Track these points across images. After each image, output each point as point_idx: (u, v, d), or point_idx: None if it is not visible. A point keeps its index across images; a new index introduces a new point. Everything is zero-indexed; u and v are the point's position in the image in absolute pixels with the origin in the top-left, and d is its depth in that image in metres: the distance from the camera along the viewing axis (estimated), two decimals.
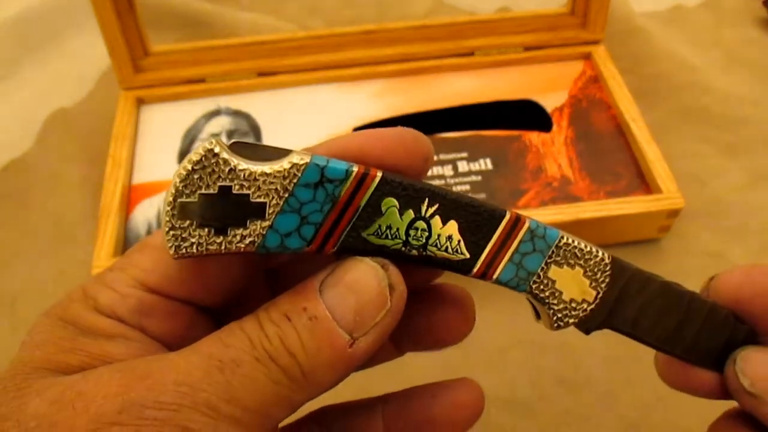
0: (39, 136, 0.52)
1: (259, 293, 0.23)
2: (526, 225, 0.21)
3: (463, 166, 0.46)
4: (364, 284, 0.18)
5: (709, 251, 0.44)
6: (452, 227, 0.20)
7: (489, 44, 0.52)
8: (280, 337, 0.18)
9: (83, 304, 0.20)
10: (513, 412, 0.37)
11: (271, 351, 0.17)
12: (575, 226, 0.41)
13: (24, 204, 0.48)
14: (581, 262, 0.22)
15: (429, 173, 0.45)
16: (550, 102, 0.49)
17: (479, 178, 0.45)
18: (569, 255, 0.22)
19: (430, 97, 0.50)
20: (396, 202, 0.19)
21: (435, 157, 0.46)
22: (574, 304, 0.22)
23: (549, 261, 0.21)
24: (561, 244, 0.21)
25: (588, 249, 0.22)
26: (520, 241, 0.21)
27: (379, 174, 0.19)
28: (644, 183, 0.44)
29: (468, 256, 0.20)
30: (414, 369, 0.39)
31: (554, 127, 0.48)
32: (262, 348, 0.17)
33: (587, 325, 0.22)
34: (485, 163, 0.46)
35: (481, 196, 0.44)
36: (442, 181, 0.45)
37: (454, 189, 0.44)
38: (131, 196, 0.45)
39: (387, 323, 0.19)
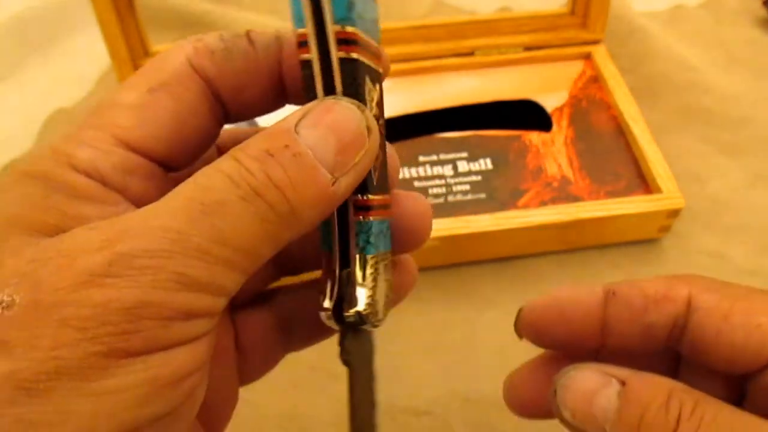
0: (39, 136, 0.52)
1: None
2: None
3: (463, 166, 0.46)
4: (344, 125, 0.18)
5: (709, 251, 0.44)
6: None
7: (489, 44, 0.52)
8: (265, 172, 0.17)
9: (54, 162, 0.18)
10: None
11: (257, 186, 0.17)
12: (575, 226, 0.41)
13: None
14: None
15: (429, 173, 0.45)
16: (550, 102, 0.49)
17: (479, 178, 0.45)
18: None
19: (430, 97, 0.50)
20: None
21: (435, 157, 0.46)
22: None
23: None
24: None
25: None
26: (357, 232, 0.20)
27: None
28: (644, 183, 0.44)
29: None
30: (414, 369, 0.39)
31: (554, 127, 0.48)
32: (247, 185, 0.17)
33: None
34: (485, 163, 0.46)
35: (481, 196, 0.44)
36: (442, 181, 0.45)
37: (454, 189, 0.44)
38: None
39: (365, 164, 0.19)
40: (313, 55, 0.19)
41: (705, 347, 0.21)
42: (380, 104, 0.21)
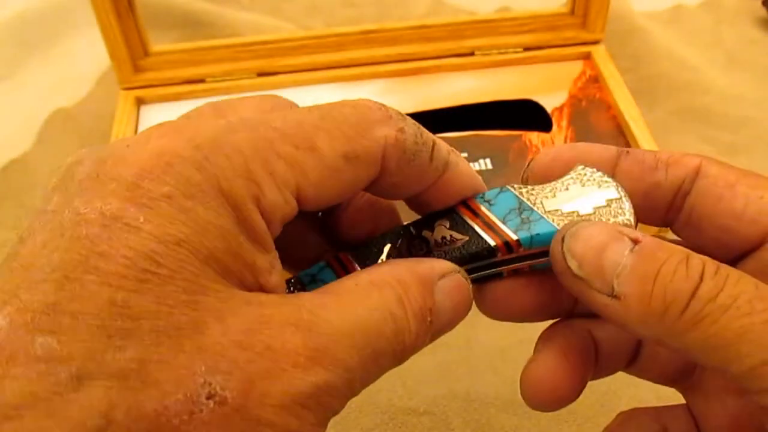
0: (39, 136, 0.52)
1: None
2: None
3: None
4: (460, 296, 0.21)
5: None
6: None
7: (489, 44, 0.52)
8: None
9: (247, 190, 0.17)
10: (514, 412, 0.37)
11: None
12: None
13: (24, 204, 0.48)
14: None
15: None
16: (550, 102, 0.49)
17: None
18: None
19: (430, 97, 0.50)
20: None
21: None
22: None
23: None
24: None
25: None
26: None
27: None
28: None
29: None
30: (414, 369, 0.39)
31: (554, 127, 0.48)
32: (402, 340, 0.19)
33: None
34: (485, 163, 0.46)
35: None
36: None
37: None
38: None
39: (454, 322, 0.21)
40: (521, 265, 0.22)
41: (703, 216, 0.21)
42: None
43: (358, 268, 0.22)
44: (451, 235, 0.22)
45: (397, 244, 0.22)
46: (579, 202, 0.21)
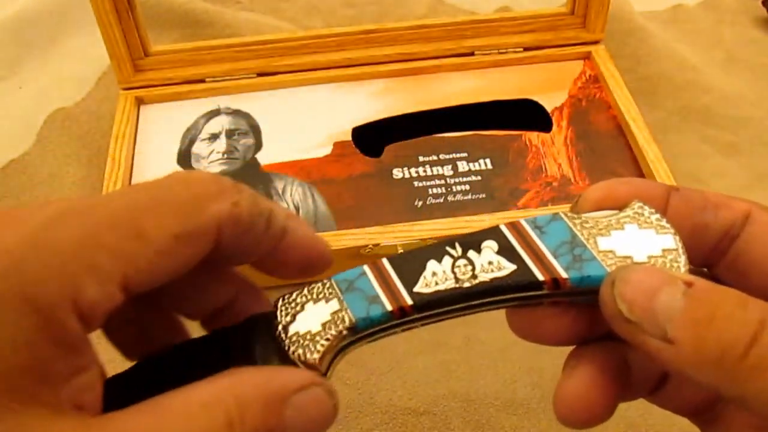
0: (39, 136, 0.52)
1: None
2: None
3: (463, 166, 0.46)
4: (317, 412, 0.20)
5: None
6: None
7: (489, 44, 0.52)
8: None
9: (60, 294, 0.16)
10: (514, 412, 0.37)
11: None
12: None
13: (24, 204, 0.48)
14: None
15: (429, 173, 0.45)
16: (550, 102, 0.49)
17: (479, 178, 0.45)
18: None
19: (430, 97, 0.50)
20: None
21: (435, 157, 0.46)
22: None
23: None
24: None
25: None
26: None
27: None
28: None
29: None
30: (414, 369, 0.39)
31: (554, 127, 0.48)
32: None
33: None
34: (485, 163, 0.46)
35: (481, 196, 0.44)
36: (442, 181, 0.45)
37: (454, 189, 0.44)
38: None
39: None
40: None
41: (752, 263, 0.21)
42: None
43: (397, 281, 0.21)
44: (498, 262, 0.21)
45: (441, 262, 0.21)
46: (634, 246, 0.21)
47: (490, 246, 0.21)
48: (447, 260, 0.21)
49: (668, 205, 0.22)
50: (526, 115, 0.49)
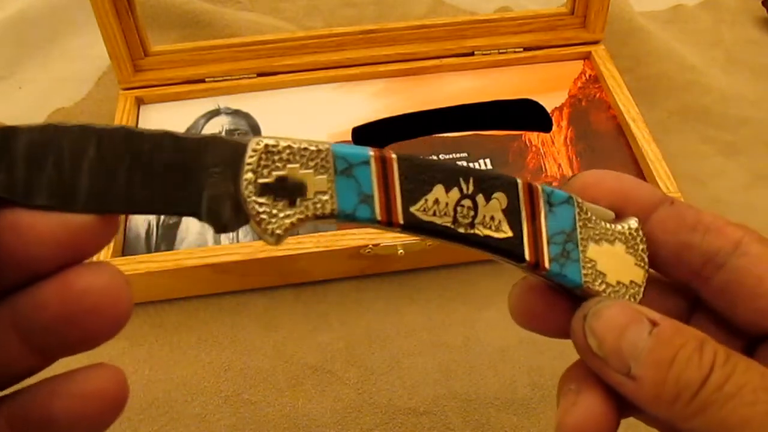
0: None
1: None
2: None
3: None
4: None
5: None
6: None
7: (489, 44, 0.52)
8: None
9: None
10: (514, 412, 0.37)
11: None
12: None
13: None
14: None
15: None
16: (550, 102, 0.49)
17: None
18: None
19: (430, 97, 0.50)
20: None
21: (435, 157, 0.46)
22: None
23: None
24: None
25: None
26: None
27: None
28: None
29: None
30: (414, 369, 0.39)
31: (554, 127, 0.48)
32: None
33: None
34: (485, 163, 0.46)
35: None
36: None
37: None
38: None
39: None
40: None
41: (739, 294, 0.21)
42: None
43: (398, 191, 0.19)
44: (500, 222, 0.20)
45: (449, 191, 0.20)
46: (612, 266, 0.21)
47: (499, 199, 0.21)
48: (455, 192, 0.20)
49: (655, 216, 0.22)
50: (526, 115, 0.49)
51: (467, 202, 0.20)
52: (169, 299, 0.42)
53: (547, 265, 0.21)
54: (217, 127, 0.49)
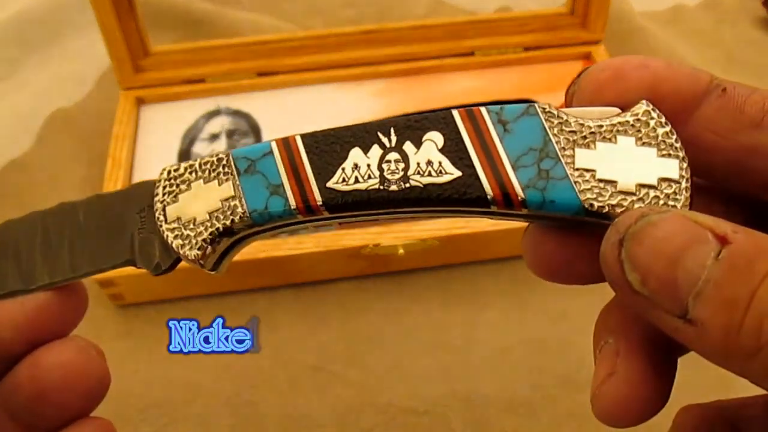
0: (39, 136, 0.52)
1: None
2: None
3: None
4: None
5: None
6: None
7: (489, 44, 0.52)
8: None
9: None
10: (514, 412, 0.37)
11: None
12: None
13: (24, 204, 0.48)
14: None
15: None
16: (550, 102, 0.49)
17: None
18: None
19: (430, 97, 0.50)
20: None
21: None
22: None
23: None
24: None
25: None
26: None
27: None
28: None
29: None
30: (414, 369, 0.39)
31: None
32: None
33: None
34: None
35: None
36: None
37: None
38: None
39: None
40: None
41: None
42: None
43: (309, 169, 0.17)
44: (439, 163, 0.17)
45: (368, 152, 0.17)
46: (623, 168, 0.16)
47: (433, 139, 0.17)
48: (375, 150, 0.17)
49: (701, 112, 0.16)
50: None
51: (393, 155, 0.17)
52: (170, 299, 0.42)
53: (520, 194, 0.16)
54: (217, 127, 0.49)
